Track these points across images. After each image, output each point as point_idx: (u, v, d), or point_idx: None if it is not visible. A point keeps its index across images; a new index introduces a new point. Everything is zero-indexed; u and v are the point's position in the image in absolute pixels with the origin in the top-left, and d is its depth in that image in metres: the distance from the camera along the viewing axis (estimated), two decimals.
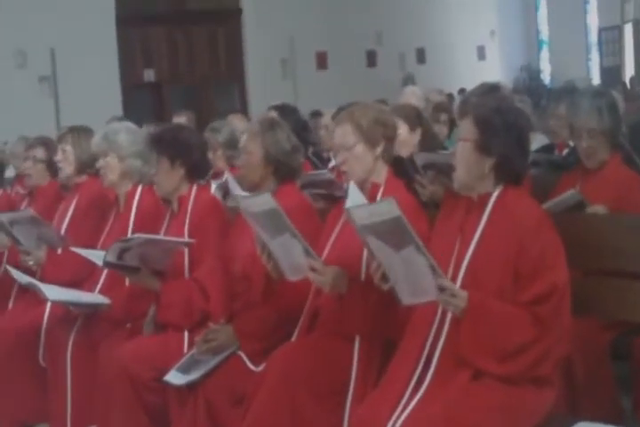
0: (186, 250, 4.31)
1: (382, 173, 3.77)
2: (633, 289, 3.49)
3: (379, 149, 3.74)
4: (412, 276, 3.08)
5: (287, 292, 3.80)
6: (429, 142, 5.21)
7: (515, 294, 3.16)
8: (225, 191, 5.00)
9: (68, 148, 5.25)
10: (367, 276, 3.46)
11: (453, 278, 3.21)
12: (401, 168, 4.36)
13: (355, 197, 3.41)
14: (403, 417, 3.08)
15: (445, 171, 4.00)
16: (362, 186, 3.70)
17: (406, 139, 5.08)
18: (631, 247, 3.47)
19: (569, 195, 4.17)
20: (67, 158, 5.26)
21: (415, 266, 3.05)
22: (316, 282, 3.53)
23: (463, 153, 3.32)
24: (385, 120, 3.79)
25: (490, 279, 3.18)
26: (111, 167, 4.84)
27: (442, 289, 3.07)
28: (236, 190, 4.63)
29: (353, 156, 3.72)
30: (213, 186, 5.16)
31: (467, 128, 3.33)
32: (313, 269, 3.47)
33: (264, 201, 3.51)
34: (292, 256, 3.54)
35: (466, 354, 3.14)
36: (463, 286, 3.17)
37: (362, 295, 3.47)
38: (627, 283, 3.51)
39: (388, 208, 3.02)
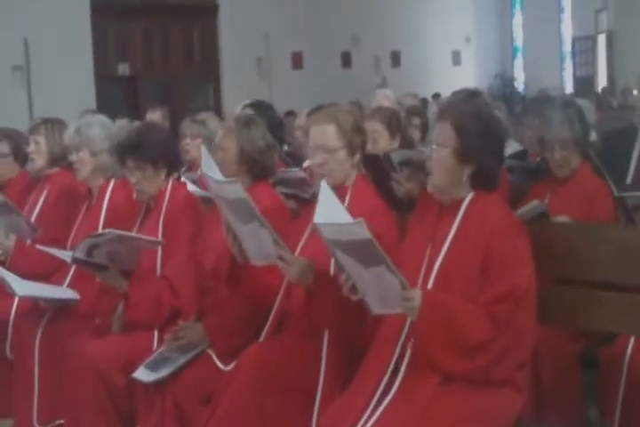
0: (159, 248, 4.27)
1: (352, 177, 3.74)
2: (599, 299, 3.46)
3: (357, 157, 3.70)
4: (382, 288, 3.06)
5: (257, 287, 3.77)
6: (405, 147, 5.21)
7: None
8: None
9: (41, 139, 5.22)
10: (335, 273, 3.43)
11: (425, 281, 3.22)
12: (377, 165, 4.36)
13: (326, 199, 3.29)
14: (370, 424, 3.05)
15: (422, 168, 3.98)
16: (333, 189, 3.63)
17: (386, 146, 5.05)
18: (598, 257, 3.45)
19: (533, 205, 4.18)
20: (39, 150, 5.22)
21: (385, 281, 3.03)
22: (283, 271, 3.47)
23: (440, 159, 3.28)
24: (362, 127, 3.74)
25: (459, 283, 3.18)
26: (84, 162, 4.80)
27: (406, 300, 3.05)
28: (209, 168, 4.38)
29: (334, 160, 3.67)
30: (188, 181, 5.06)
31: (445, 133, 3.28)
32: (281, 259, 3.44)
33: (234, 190, 3.45)
34: (260, 242, 3.49)
35: (424, 350, 3.11)
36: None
37: (330, 289, 3.40)
38: (594, 293, 3.48)
39: (358, 230, 2.96)
